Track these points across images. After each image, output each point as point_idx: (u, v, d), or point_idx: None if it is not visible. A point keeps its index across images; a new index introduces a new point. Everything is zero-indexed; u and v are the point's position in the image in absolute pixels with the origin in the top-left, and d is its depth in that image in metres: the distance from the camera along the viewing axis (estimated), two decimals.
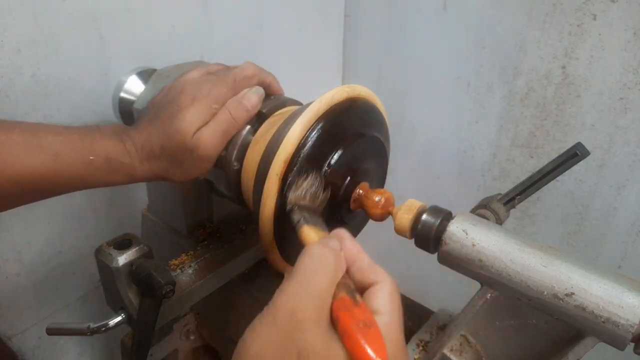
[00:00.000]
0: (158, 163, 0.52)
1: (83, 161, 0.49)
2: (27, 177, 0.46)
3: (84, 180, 0.50)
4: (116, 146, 0.50)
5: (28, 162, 0.46)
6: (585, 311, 0.42)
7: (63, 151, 0.48)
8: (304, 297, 0.34)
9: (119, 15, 0.70)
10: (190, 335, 0.75)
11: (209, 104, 0.53)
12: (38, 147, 0.47)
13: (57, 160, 0.47)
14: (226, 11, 0.86)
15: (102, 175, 0.50)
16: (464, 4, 0.96)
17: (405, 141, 1.16)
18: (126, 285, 0.55)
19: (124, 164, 0.51)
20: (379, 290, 0.36)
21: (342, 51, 1.19)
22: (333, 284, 0.35)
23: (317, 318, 0.33)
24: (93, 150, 0.49)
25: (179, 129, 0.51)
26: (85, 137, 0.50)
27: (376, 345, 0.31)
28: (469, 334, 0.53)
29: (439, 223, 0.49)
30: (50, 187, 0.49)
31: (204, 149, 0.52)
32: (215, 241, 0.67)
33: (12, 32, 0.60)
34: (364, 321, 0.33)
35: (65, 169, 0.48)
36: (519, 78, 0.94)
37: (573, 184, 0.95)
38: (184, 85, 0.55)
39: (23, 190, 0.47)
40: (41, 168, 0.47)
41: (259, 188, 0.50)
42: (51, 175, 0.48)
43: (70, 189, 0.51)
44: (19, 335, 0.75)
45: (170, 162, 0.52)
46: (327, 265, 0.36)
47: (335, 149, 0.51)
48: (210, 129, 0.52)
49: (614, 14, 0.80)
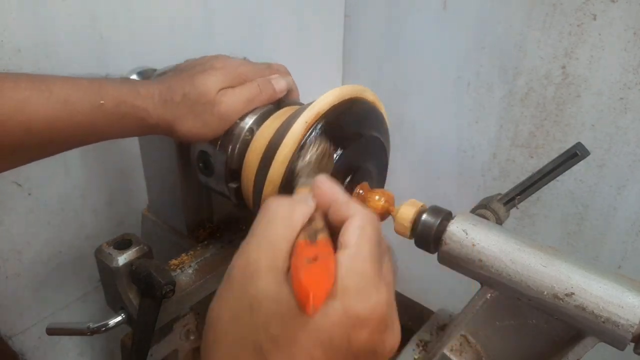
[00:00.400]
0: (174, 110, 0.52)
1: (93, 105, 0.48)
2: (37, 123, 0.45)
3: (95, 126, 0.49)
4: (128, 90, 0.50)
5: (37, 107, 0.45)
6: (585, 311, 0.42)
7: (72, 96, 0.47)
8: (256, 248, 0.33)
9: (119, 15, 0.70)
10: (190, 335, 0.75)
11: (240, 73, 0.56)
12: (47, 92, 0.46)
13: (66, 105, 0.47)
14: (226, 11, 0.86)
15: (113, 120, 0.49)
16: (464, 4, 0.96)
17: (405, 141, 1.16)
18: (126, 285, 0.55)
19: (135, 107, 0.50)
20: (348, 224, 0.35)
21: (342, 51, 1.19)
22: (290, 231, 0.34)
23: (270, 266, 0.32)
24: (103, 94, 0.49)
25: (206, 82, 0.52)
26: (94, 83, 0.49)
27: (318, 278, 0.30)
28: (469, 334, 0.53)
29: (439, 223, 0.49)
30: (61, 136, 0.48)
31: (225, 107, 0.53)
32: (215, 241, 0.67)
33: (12, 32, 0.60)
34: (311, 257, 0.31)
35: (75, 115, 0.47)
36: (519, 78, 0.94)
37: (573, 184, 0.95)
38: (217, 55, 0.58)
39: (34, 139, 0.47)
40: (51, 113, 0.46)
41: (259, 188, 0.50)
42: (61, 121, 0.47)
43: (81, 138, 0.50)
44: (19, 335, 0.75)
45: (188, 110, 0.52)
46: (280, 214, 0.35)
47: (335, 149, 0.51)
48: (237, 92, 0.54)
49: (614, 14, 0.80)
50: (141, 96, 0.50)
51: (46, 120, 0.46)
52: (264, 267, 0.32)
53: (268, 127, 0.56)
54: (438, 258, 0.50)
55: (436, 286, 1.13)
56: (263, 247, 0.33)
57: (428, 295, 0.93)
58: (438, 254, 0.50)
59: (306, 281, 0.29)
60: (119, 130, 0.51)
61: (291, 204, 0.36)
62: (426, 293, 0.97)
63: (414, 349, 0.59)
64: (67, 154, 0.72)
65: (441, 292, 1.14)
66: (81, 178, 0.75)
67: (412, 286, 0.98)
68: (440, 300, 0.71)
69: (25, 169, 0.68)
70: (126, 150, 0.79)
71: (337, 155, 0.49)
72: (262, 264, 0.32)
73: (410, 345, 0.59)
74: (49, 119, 0.46)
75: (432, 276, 1.17)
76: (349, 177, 0.53)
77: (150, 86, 0.52)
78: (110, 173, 0.79)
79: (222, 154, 0.57)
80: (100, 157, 0.77)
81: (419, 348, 0.59)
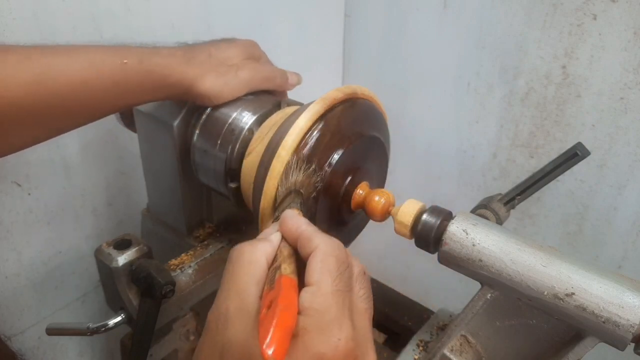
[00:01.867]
0: (198, 67, 0.54)
1: (117, 65, 0.49)
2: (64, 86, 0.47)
3: (119, 87, 0.50)
4: (151, 50, 0.52)
5: (63, 69, 0.47)
6: (586, 311, 0.42)
7: (96, 57, 0.49)
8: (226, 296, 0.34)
9: (119, 15, 0.70)
10: (190, 336, 0.75)
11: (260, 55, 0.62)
12: (71, 56, 0.48)
13: (91, 66, 0.48)
14: (226, 11, 0.86)
15: (136, 80, 0.51)
16: (464, 3, 0.96)
17: (405, 141, 1.16)
18: (126, 286, 0.55)
19: (157, 64, 0.51)
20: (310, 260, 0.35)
21: (342, 51, 1.19)
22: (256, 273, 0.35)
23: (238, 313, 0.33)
24: (126, 54, 0.50)
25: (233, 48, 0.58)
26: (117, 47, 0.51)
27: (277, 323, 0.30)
28: (469, 334, 0.53)
29: (439, 223, 0.49)
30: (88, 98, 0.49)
31: (248, 73, 0.57)
32: (215, 241, 0.67)
33: (12, 32, 0.60)
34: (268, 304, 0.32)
35: (100, 76, 0.48)
36: (519, 78, 0.94)
37: (573, 184, 0.95)
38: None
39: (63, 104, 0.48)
40: (76, 76, 0.47)
41: (259, 187, 0.50)
42: (87, 83, 0.48)
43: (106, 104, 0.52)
44: (18, 336, 0.75)
45: (212, 68, 0.55)
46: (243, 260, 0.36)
47: (335, 149, 0.51)
48: (258, 65, 0.60)
49: (614, 13, 0.80)
50: (164, 54, 0.52)
51: (72, 83, 0.47)
52: (233, 315, 0.33)
53: (268, 127, 0.56)
54: (438, 258, 0.50)
55: (436, 286, 1.13)
56: (231, 296, 0.34)
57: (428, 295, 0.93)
58: (438, 254, 0.49)
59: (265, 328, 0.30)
60: (142, 89, 0.52)
61: (253, 246, 0.37)
62: (426, 293, 0.97)
63: (414, 349, 0.59)
64: (67, 154, 0.73)
65: (441, 292, 1.14)
66: (81, 178, 0.75)
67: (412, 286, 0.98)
68: (440, 300, 0.71)
69: (25, 169, 0.68)
70: (126, 150, 0.79)
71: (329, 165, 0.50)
72: (230, 312, 0.33)
73: (410, 345, 0.59)
74: (75, 81, 0.47)
75: (432, 276, 1.17)
76: (349, 177, 0.53)
77: (172, 48, 0.54)
78: (110, 173, 0.79)
79: (221, 153, 0.57)
80: (100, 157, 0.77)
81: (419, 348, 0.59)
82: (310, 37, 1.07)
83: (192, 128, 0.59)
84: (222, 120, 0.58)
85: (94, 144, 0.75)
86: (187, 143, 0.60)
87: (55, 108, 0.47)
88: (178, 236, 0.69)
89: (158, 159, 0.65)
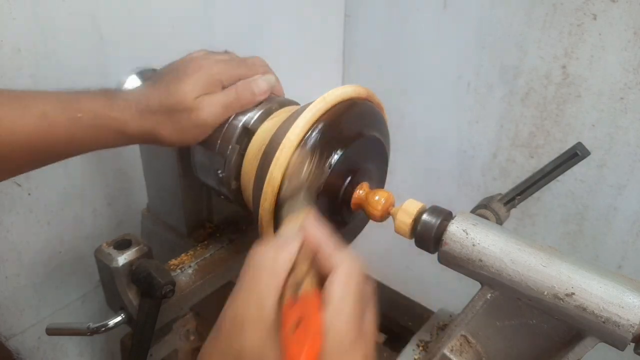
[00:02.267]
0: (153, 119, 0.52)
1: (70, 118, 0.48)
2: (16, 136, 0.46)
3: (73, 139, 0.49)
4: (105, 102, 0.50)
5: (16, 121, 0.46)
6: (586, 311, 0.42)
7: (49, 110, 0.48)
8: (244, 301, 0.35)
9: (119, 15, 0.70)
10: (190, 335, 0.75)
11: (217, 78, 0.54)
12: (24, 106, 0.47)
13: (44, 119, 0.47)
14: (226, 11, 0.86)
15: (91, 133, 0.50)
16: (464, 3, 0.96)
17: (405, 141, 1.16)
18: (126, 286, 0.55)
19: (113, 119, 0.50)
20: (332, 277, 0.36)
21: (342, 51, 1.19)
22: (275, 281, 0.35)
23: (256, 318, 0.33)
24: (80, 107, 0.49)
25: (182, 88, 0.52)
26: (71, 97, 0.50)
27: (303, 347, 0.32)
28: (469, 334, 0.53)
29: (439, 223, 0.49)
30: (41, 149, 0.48)
31: (203, 114, 0.52)
32: (215, 241, 0.67)
33: (12, 32, 0.60)
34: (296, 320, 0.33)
35: (53, 129, 0.48)
36: (519, 78, 0.94)
37: (573, 184, 0.95)
38: (193, 57, 0.56)
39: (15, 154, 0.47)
40: (29, 128, 0.46)
41: (259, 185, 0.50)
42: (40, 134, 0.47)
43: (61, 151, 0.51)
44: (18, 336, 0.75)
45: (166, 119, 0.52)
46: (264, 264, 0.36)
47: (335, 149, 0.51)
48: (214, 98, 0.53)
49: (614, 13, 0.80)
50: (118, 108, 0.50)
51: (25, 135, 0.46)
52: (251, 320, 0.33)
53: (267, 127, 0.56)
54: (438, 258, 0.50)
55: (436, 286, 1.13)
56: (250, 300, 0.34)
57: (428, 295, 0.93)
58: (438, 254, 0.49)
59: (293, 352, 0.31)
60: (98, 142, 0.51)
61: (275, 252, 0.37)
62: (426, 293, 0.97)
63: (414, 349, 0.59)
64: None
65: (441, 292, 1.14)
66: (81, 178, 0.75)
67: (412, 286, 0.98)
68: (440, 300, 0.71)
69: None
70: (126, 150, 0.79)
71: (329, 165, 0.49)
72: (248, 317, 0.33)
73: (410, 345, 0.59)
74: (28, 133, 0.46)
75: (432, 276, 1.17)
76: (349, 178, 0.53)
77: (127, 96, 0.52)
78: (110, 173, 0.79)
79: (221, 153, 0.57)
80: (100, 157, 0.77)
81: (419, 348, 0.59)
82: (310, 37, 1.07)
83: None
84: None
85: None
86: None
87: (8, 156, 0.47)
88: (178, 236, 0.69)
89: (158, 159, 0.65)
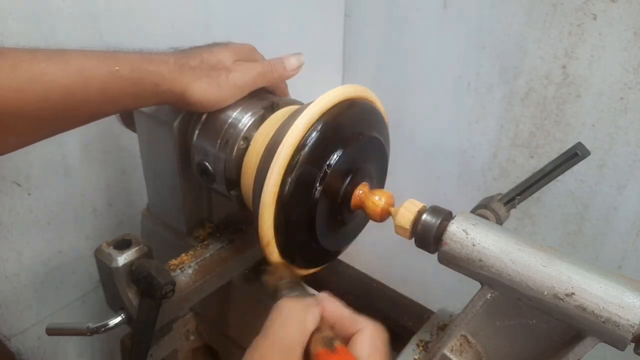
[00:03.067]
0: (191, 74, 0.53)
1: (108, 72, 0.49)
2: (54, 92, 0.46)
3: (110, 93, 0.50)
4: (142, 56, 0.52)
5: (54, 76, 0.46)
6: (586, 311, 0.42)
7: (87, 64, 0.48)
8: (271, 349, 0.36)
9: (119, 15, 0.70)
10: (190, 335, 0.75)
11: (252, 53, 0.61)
12: (63, 62, 0.47)
13: (82, 73, 0.47)
14: (226, 11, 0.86)
15: (128, 86, 0.50)
16: (464, 3, 0.96)
17: (405, 141, 1.16)
18: (126, 286, 0.55)
19: (150, 72, 0.51)
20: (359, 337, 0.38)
21: (342, 51, 1.19)
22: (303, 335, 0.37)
23: None
24: (118, 61, 0.50)
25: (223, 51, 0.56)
26: (109, 53, 0.51)
27: None
28: (469, 334, 0.53)
29: (439, 223, 0.49)
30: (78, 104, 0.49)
31: (239, 75, 0.56)
32: (215, 241, 0.67)
33: (12, 32, 0.60)
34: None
35: (90, 82, 0.48)
36: (519, 78, 0.94)
37: (573, 184, 0.95)
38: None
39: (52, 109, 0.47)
40: (67, 82, 0.47)
41: (259, 186, 0.50)
42: (77, 89, 0.47)
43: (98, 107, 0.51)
44: (18, 336, 0.75)
45: (204, 74, 0.54)
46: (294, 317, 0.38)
47: (335, 149, 0.51)
48: (251, 64, 0.58)
49: (614, 13, 0.80)
50: (155, 61, 0.52)
51: (63, 89, 0.46)
52: None
53: (268, 127, 0.56)
54: (438, 258, 0.50)
55: (436, 286, 1.13)
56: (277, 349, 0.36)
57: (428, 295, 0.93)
58: (438, 254, 0.49)
59: None
60: (133, 97, 0.51)
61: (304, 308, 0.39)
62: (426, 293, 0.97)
63: (414, 349, 0.59)
64: (67, 154, 0.72)
65: (441, 292, 1.14)
66: (81, 178, 0.75)
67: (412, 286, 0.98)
68: (440, 300, 0.71)
69: (25, 169, 0.68)
70: (126, 150, 0.79)
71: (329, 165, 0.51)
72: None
73: (410, 345, 0.59)
74: (66, 87, 0.47)
75: (432, 276, 1.17)
76: (349, 178, 0.53)
77: (164, 54, 0.54)
78: (110, 173, 0.79)
79: (221, 153, 0.57)
80: (100, 157, 0.77)
81: (419, 348, 0.59)
82: (310, 37, 1.07)
83: (192, 128, 0.59)
84: (222, 120, 0.58)
85: (94, 144, 0.75)
86: (187, 143, 0.60)
87: (45, 113, 0.47)
88: (178, 236, 0.69)
89: (158, 159, 0.65)
